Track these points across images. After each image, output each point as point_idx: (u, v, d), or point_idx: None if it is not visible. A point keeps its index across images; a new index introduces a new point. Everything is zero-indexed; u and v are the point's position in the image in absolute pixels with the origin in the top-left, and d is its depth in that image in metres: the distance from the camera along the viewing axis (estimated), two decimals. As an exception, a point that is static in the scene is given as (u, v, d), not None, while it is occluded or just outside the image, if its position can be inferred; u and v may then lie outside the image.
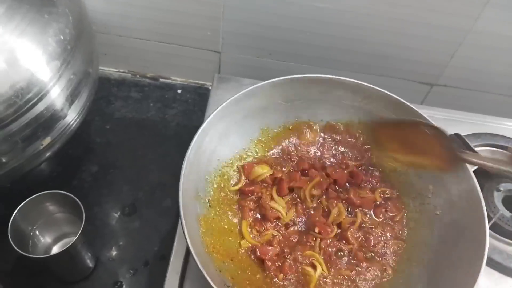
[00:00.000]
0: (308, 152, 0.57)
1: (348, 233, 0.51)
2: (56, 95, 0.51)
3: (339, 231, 0.51)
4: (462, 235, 0.45)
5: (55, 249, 0.58)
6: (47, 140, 0.52)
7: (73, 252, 0.53)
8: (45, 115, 0.50)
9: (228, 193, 0.52)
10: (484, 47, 0.67)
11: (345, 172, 0.55)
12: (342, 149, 0.57)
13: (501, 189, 0.56)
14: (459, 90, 0.75)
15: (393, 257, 0.50)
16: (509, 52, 0.67)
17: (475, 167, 0.60)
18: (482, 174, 0.59)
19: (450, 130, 0.63)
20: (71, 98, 0.54)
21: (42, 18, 0.50)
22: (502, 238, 0.54)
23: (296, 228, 0.52)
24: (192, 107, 0.78)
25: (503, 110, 0.72)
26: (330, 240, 0.51)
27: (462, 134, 0.62)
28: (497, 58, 0.69)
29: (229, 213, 0.51)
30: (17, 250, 0.49)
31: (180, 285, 0.49)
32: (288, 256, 0.48)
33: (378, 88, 0.52)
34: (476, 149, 0.61)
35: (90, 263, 0.59)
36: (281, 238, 0.50)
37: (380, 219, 0.52)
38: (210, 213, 0.49)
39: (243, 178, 0.53)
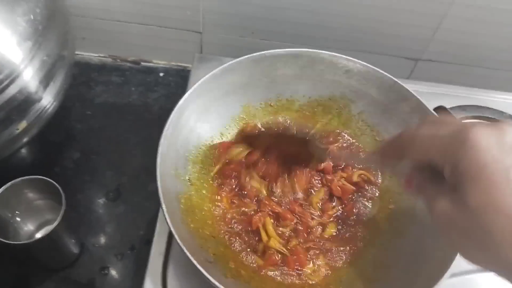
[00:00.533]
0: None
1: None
2: (29, 78, 0.49)
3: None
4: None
5: (38, 236, 0.57)
6: (23, 124, 0.51)
7: (55, 238, 0.52)
8: (18, 98, 0.49)
9: (209, 171, 0.51)
10: (468, 20, 0.67)
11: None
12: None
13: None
14: (445, 65, 0.74)
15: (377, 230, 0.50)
16: (493, 24, 0.67)
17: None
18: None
19: (435, 103, 0.63)
20: (46, 80, 0.52)
21: (9, -3, 0.48)
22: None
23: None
24: (175, 90, 0.77)
25: (490, 83, 0.71)
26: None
27: (448, 107, 0.62)
28: (482, 31, 0.68)
29: (210, 190, 0.50)
30: (-4, 237, 0.48)
31: (164, 266, 0.48)
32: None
33: (358, 61, 0.52)
34: (463, 121, 0.61)
35: (74, 249, 0.58)
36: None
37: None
38: (191, 191, 0.48)
39: (221, 159, 0.52)
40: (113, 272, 0.59)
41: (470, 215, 0.28)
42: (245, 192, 0.50)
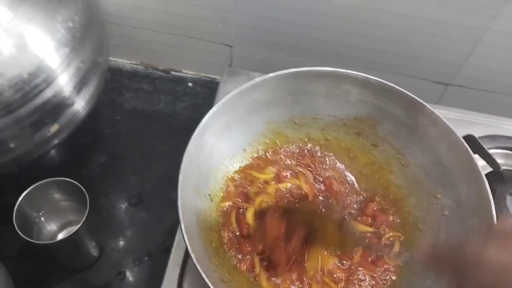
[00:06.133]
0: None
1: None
2: (64, 82, 0.51)
3: None
4: (469, 236, 0.44)
5: (60, 237, 0.58)
6: (55, 127, 0.53)
7: (77, 240, 0.53)
8: (53, 102, 0.51)
9: (228, 186, 0.51)
10: (502, 47, 0.65)
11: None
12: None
13: (514, 192, 0.54)
14: (475, 91, 0.73)
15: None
16: (528, 52, 0.65)
17: (489, 170, 0.59)
18: (495, 177, 0.57)
19: (464, 131, 0.61)
20: (79, 86, 0.54)
21: (51, 5, 0.50)
22: (513, 242, 0.52)
23: None
24: (202, 100, 0.78)
25: (521, 113, 0.69)
26: None
27: (476, 135, 0.61)
28: (516, 58, 0.67)
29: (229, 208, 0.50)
30: (22, 235, 0.49)
31: (180, 277, 0.49)
32: None
33: (386, 82, 0.51)
34: (490, 151, 0.59)
35: (94, 252, 0.59)
36: None
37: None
38: (211, 207, 0.49)
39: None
40: (130, 277, 0.59)
41: None
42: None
